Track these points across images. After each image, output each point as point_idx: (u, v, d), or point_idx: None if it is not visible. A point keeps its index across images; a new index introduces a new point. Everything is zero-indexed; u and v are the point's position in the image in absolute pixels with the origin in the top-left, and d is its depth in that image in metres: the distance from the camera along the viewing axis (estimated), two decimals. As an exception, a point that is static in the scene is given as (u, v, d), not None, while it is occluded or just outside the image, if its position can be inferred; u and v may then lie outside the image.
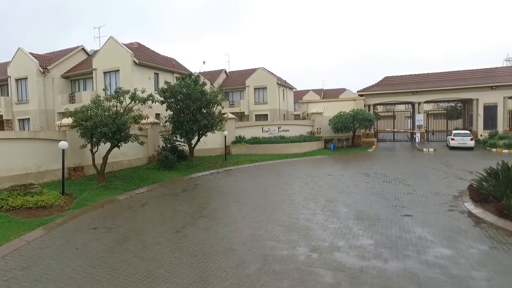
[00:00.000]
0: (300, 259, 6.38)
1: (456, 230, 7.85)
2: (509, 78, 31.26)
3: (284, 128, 27.64)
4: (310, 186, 13.29)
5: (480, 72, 34.11)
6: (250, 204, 10.78)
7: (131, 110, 14.73)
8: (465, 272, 5.73)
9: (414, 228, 8.00)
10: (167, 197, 12.27)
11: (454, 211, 9.43)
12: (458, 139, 26.11)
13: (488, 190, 9.58)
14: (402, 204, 10.30)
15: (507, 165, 9.50)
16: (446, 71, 35.85)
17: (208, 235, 7.95)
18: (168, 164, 17.74)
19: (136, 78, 25.87)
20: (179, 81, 19.34)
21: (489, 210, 8.88)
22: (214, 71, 44.59)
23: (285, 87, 42.78)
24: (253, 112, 39.57)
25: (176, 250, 7.06)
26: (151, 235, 8.05)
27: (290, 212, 9.67)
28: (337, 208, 9.99)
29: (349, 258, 6.39)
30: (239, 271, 5.98)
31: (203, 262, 6.41)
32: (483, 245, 6.90)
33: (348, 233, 7.77)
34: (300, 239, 7.45)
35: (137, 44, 30.31)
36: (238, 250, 6.96)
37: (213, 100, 19.17)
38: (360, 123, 27.29)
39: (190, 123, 18.50)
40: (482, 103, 31.05)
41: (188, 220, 9.16)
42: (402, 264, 6.10)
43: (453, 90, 31.95)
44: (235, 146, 25.19)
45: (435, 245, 6.97)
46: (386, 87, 34.60)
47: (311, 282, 5.49)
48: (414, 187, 12.64)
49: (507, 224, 7.91)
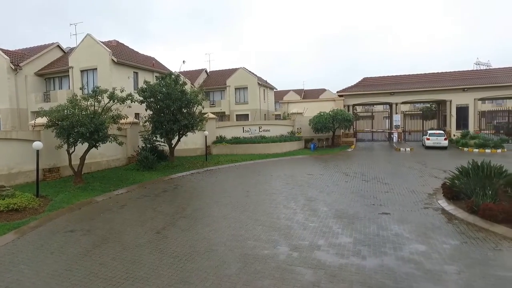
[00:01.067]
0: (280, 258, 6.45)
1: (430, 226, 8.13)
2: (479, 81, 32.62)
3: (265, 128, 27.75)
4: (291, 186, 13.42)
5: (453, 75, 35.40)
6: (231, 204, 10.79)
7: (109, 110, 14.43)
8: (438, 266, 5.96)
9: (391, 226, 8.24)
10: (147, 198, 12.11)
11: (429, 208, 9.76)
12: (433, 139, 27.00)
13: (460, 188, 9.97)
14: (380, 202, 10.57)
15: (476, 164, 9.91)
16: (422, 73, 36.97)
17: (188, 235, 7.90)
18: (148, 165, 17.49)
19: (115, 77, 25.32)
20: (159, 80, 19.10)
21: (460, 207, 9.26)
22: (195, 71, 44.22)
23: (266, 87, 42.93)
24: (234, 112, 39.50)
25: (157, 251, 6.99)
26: (130, 236, 7.93)
27: (271, 212, 9.75)
28: (317, 207, 10.15)
29: (328, 256, 6.51)
30: (220, 271, 5.99)
31: (184, 263, 6.38)
32: (454, 241, 7.19)
33: (327, 231, 7.91)
34: (280, 238, 7.53)
35: (116, 42, 29.69)
36: (219, 250, 6.96)
37: (194, 100, 19.02)
38: (339, 123, 27.74)
39: (170, 123, 18.30)
40: (455, 104, 32.24)
41: (169, 221, 9.08)
42: (379, 260, 6.27)
43: (428, 91, 33.01)
44: (216, 146, 25.09)
45: (411, 241, 7.20)
46: (365, 88, 35.34)
47: (292, 280, 5.57)
48: (392, 186, 12.98)
49: (476, 220, 8.28)
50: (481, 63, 66.36)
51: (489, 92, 31.86)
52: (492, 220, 7.98)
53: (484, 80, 32.76)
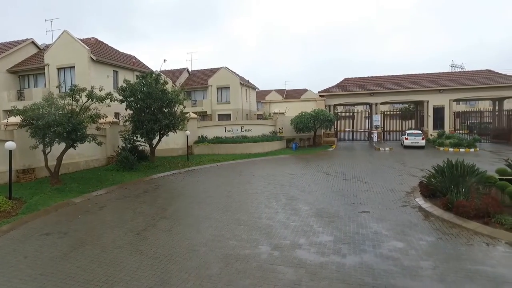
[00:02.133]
0: (262, 258, 6.48)
1: (408, 224, 8.35)
2: (454, 83, 33.76)
3: (247, 128, 27.75)
4: (272, 185, 13.49)
5: (430, 76, 36.46)
6: (213, 204, 10.74)
7: (88, 109, 14.09)
8: (414, 262, 6.13)
9: (370, 224, 8.40)
10: (127, 198, 11.90)
11: (407, 206, 10.02)
12: (411, 139, 27.74)
13: (436, 186, 10.28)
14: (360, 201, 10.77)
15: (451, 163, 10.24)
16: (401, 74, 37.91)
17: (169, 236, 7.82)
18: (128, 165, 17.18)
19: (94, 75, 24.72)
20: (139, 79, 18.80)
21: (436, 205, 9.56)
22: (176, 70, 43.74)
23: (248, 87, 42.94)
24: (216, 111, 39.31)
25: (137, 253, 6.88)
26: (109, 238, 7.78)
27: (253, 211, 9.77)
28: (298, 206, 10.24)
29: (309, 254, 6.59)
30: (201, 271, 5.96)
31: (165, 264, 6.31)
32: (430, 237, 7.41)
33: (308, 230, 8.00)
34: (262, 238, 7.56)
35: (95, 39, 28.97)
36: (200, 250, 6.93)
37: (175, 99, 18.83)
38: (321, 123, 28.06)
39: (151, 123, 18.04)
40: (432, 105, 33.23)
41: (149, 222, 8.95)
42: (359, 258, 6.39)
43: (406, 92, 33.87)
44: (198, 146, 24.92)
45: (389, 239, 7.38)
46: (346, 88, 35.90)
47: (273, 279, 5.60)
48: (371, 185, 13.24)
49: (450, 217, 8.57)
50: (455, 66, 68.66)
51: (463, 94, 33.00)
52: (465, 216, 8.28)
53: (459, 82, 33.93)
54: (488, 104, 42.98)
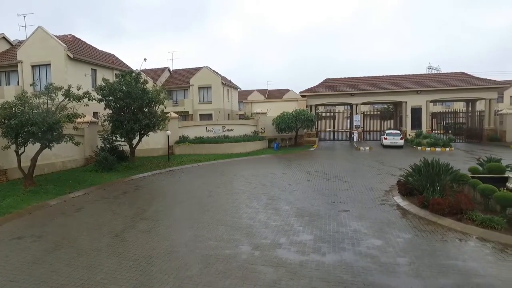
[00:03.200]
0: (242, 258, 6.47)
1: (386, 222, 8.53)
2: (431, 84, 34.80)
3: (229, 128, 27.70)
4: (254, 185, 13.51)
5: (408, 78, 37.42)
6: (194, 204, 10.66)
7: (64, 108, 13.69)
8: (391, 259, 6.27)
9: (350, 222, 8.53)
10: (106, 200, 11.64)
11: (385, 204, 10.24)
12: (390, 138, 28.39)
13: (413, 184, 10.55)
14: (340, 200, 10.92)
15: (427, 162, 10.54)
16: (381, 75, 38.75)
17: (149, 238, 7.70)
18: (108, 166, 16.82)
19: (71, 73, 24.05)
20: (118, 78, 18.44)
21: (413, 202, 9.81)
22: (157, 69, 43.15)
23: (229, 87, 42.83)
24: (197, 111, 39.02)
25: (115, 255, 6.73)
26: (87, 241, 7.58)
27: (234, 211, 9.75)
28: (279, 206, 10.29)
29: (290, 254, 6.63)
30: (181, 273, 5.89)
31: (144, 266, 6.20)
32: (407, 234, 7.60)
33: (289, 229, 8.05)
34: (242, 238, 7.55)
35: (72, 37, 28.18)
36: (181, 251, 6.85)
37: (155, 99, 18.59)
38: (302, 123, 28.31)
39: (131, 123, 17.72)
40: (410, 105, 34.13)
41: (128, 224, 8.79)
42: (338, 256, 6.48)
43: (386, 93, 34.65)
44: (179, 146, 24.68)
45: (368, 237, 7.52)
46: (327, 88, 36.36)
47: (253, 279, 5.61)
48: (351, 184, 13.45)
49: (427, 214, 8.82)
50: (432, 68, 70.75)
51: (439, 95, 34.05)
52: (440, 213, 8.53)
53: (435, 83, 34.99)
54: (462, 105, 44.46)
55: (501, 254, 6.45)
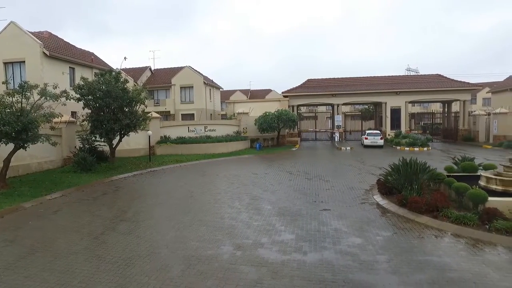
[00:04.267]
0: (224, 258, 6.45)
1: (366, 220, 8.69)
2: (410, 85, 35.72)
3: (211, 128, 27.58)
4: (236, 185, 13.49)
5: (388, 79, 38.27)
6: (175, 205, 10.55)
7: (40, 107, 13.27)
8: (371, 257, 6.40)
9: (331, 221, 8.64)
10: (84, 201, 11.37)
11: (366, 203, 10.42)
12: (371, 138, 28.95)
13: (392, 183, 10.78)
14: (321, 199, 11.04)
15: (406, 162, 10.80)
16: (362, 76, 39.44)
17: (129, 239, 7.57)
18: (86, 166, 16.44)
19: (47, 71, 23.30)
20: (97, 77, 18.04)
21: (392, 201, 10.03)
22: (138, 68, 42.44)
23: (212, 87, 42.61)
24: (179, 111, 38.63)
25: (93, 258, 6.58)
26: (64, 244, 7.37)
27: (215, 212, 9.72)
28: (261, 205, 10.32)
29: (271, 253, 6.65)
30: (162, 274, 5.82)
31: (124, 268, 6.09)
32: (386, 232, 7.77)
33: (271, 229, 8.08)
34: (224, 238, 7.53)
35: (48, 33, 27.32)
36: (162, 253, 6.77)
37: (136, 98, 18.29)
38: (284, 123, 28.48)
39: (111, 122, 17.37)
40: (390, 106, 34.90)
41: (108, 225, 8.61)
42: (319, 255, 6.55)
43: (366, 93, 35.32)
44: (160, 146, 24.39)
45: (349, 235, 7.63)
46: (309, 89, 36.72)
47: (235, 279, 5.60)
48: (333, 183, 13.63)
49: (405, 212, 9.04)
50: (411, 69, 72.62)
51: (417, 96, 34.98)
52: (417, 211, 8.76)
53: (413, 85, 35.93)
54: (439, 106, 45.77)
55: (473, 249, 6.71)
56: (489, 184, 9.42)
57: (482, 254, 6.50)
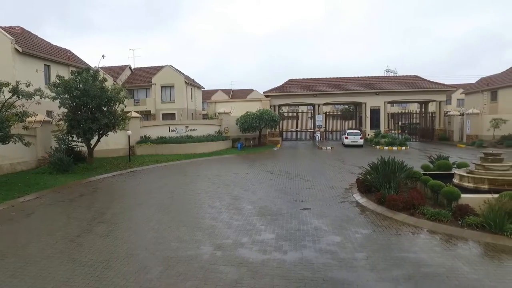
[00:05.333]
0: (204, 258, 6.41)
1: (345, 219, 8.82)
2: (388, 86, 36.52)
3: (192, 128, 27.35)
4: (217, 185, 13.43)
5: (368, 80, 39.01)
6: (155, 206, 10.39)
7: (12, 106, 12.80)
8: (350, 255, 6.50)
9: (311, 220, 8.73)
10: (61, 203, 11.04)
11: (345, 202, 10.58)
12: (351, 138, 29.43)
13: (371, 182, 11.00)
14: (302, 198, 11.13)
15: (384, 161, 11.05)
16: (342, 77, 40.01)
17: (107, 241, 7.40)
18: (63, 167, 15.97)
19: (20, 69, 22.41)
20: (74, 75, 17.54)
21: (371, 199, 10.23)
22: (118, 67, 41.53)
23: (193, 86, 42.23)
24: (160, 111, 38.08)
25: (69, 261, 6.39)
26: (37, 248, 7.11)
27: (196, 212, 9.64)
28: (242, 205, 10.31)
29: (251, 253, 6.65)
30: (141, 276, 5.72)
31: (101, 271, 5.95)
32: (365, 230, 7.91)
33: (251, 229, 8.08)
34: (204, 238, 7.48)
35: (20, 29, 26.25)
36: (140, 254, 6.66)
37: (115, 98, 17.91)
38: (266, 123, 28.56)
39: (89, 122, 16.94)
40: (369, 106, 35.59)
41: (85, 227, 8.39)
42: (299, 254, 6.60)
43: (347, 94, 35.87)
44: (140, 146, 23.99)
45: (328, 233, 7.73)
46: (290, 89, 36.97)
47: (215, 280, 5.57)
48: (313, 182, 13.76)
49: (383, 210, 9.24)
50: (390, 71, 74.34)
51: (396, 96, 35.83)
52: (395, 209, 8.97)
53: (392, 85, 36.77)
54: (416, 106, 47.12)
55: (446, 245, 6.93)
56: (462, 182, 9.75)
57: (454, 249, 6.73)
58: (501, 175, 9.21)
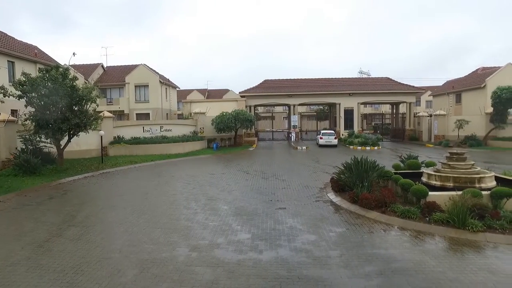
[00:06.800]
0: (179, 260, 6.35)
1: (320, 217, 8.99)
2: (362, 87, 37.49)
3: (167, 128, 26.96)
4: (192, 186, 13.32)
5: (342, 81, 39.85)
6: (129, 208, 10.18)
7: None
8: (324, 252, 6.65)
9: (286, 219, 8.83)
10: (27, 207, 10.57)
11: (320, 201, 10.78)
12: (325, 138, 29.96)
13: (345, 181, 11.27)
14: (277, 198, 11.24)
15: (357, 160, 11.35)
16: (317, 78, 40.64)
17: (78, 245, 7.17)
18: (30, 169, 15.31)
19: (-19, 66, 21.31)
20: (42, 73, 16.84)
21: (345, 198, 10.48)
22: (89, 65, 40.25)
23: (168, 86, 41.62)
24: (133, 110, 37.27)
25: (36, 268, 6.13)
26: (0, 255, 6.79)
27: (171, 213, 9.52)
28: (218, 206, 10.29)
29: (227, 253, 6.66)
30: (114, 280, 5.60)
31: (71, 277, 5.76)
32: (339, 228, 8.10)
33: (227, 229, 8.09)
34: (180, 240, 7.41)
35: (-16, 25, 24.96)
36: (114, 258, 6.51)
37: (87, 97, 17.36)
38: (241, 123, 28.59)
39: (58, 122, 16.31)
40: (343, 107, 36.39)
41: (54, 232, 8.09)
42: (275, 253, 6.67)
43: (321, 94, 36.49)
44: (114, 147, 23.39)
45: (303, 232, 7.85)
46: (266, 89, 37.17)
47: (190, 281, 5.54)
48: (289, 182, 13.92)
49: (357, 209, 9.49)
50: (363, 72, 76.35)
51: (368, 97, 36.85)
52: (367, 207, 9.24)
53: (365, 87, 37.77)
54: (388, 107, 48.57)
55: (415, 240, 7.25)
56: (429, 180, 10.18)
57: (422, 244, 7.04)
58: (464, 173, 9.70)
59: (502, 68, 33.99)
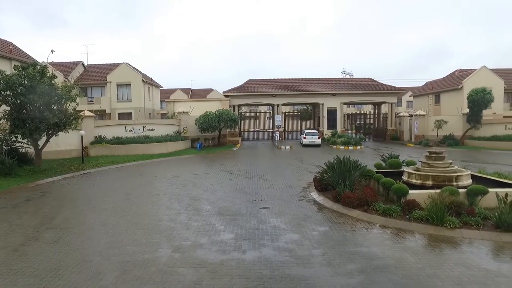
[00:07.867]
0: (162, 261, 6.27)
1: (303, 217, 9.05)
2: (344, 88, 37.99)
3: (150, 128, 26.58)
4: (175, 186, 13.19)
5: (325, 81, 40.26)
6: (110, 209, 9.97)
7: None
8: (307, 251, 6.69)
9: (270, 219, 8.85)
10: (2, 210, 10.20)
11: (303, 200, 10.85)
12: (309, 138, 30.23)
13: (328, 180, 11.38)
14: (261, 198, 11.25)
15: (340, 160, 11.49)
16: (300, 78, 40.90)
17: (56, 248, 6.97)
18: (5, 170, 14.79)
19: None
20: (18, 70, 16.28)
21: (328, 197, 10.59)
22: (69, 63, 39.20)
23: (151, 85, 41.04)
24: (115, 110, 36.56)
25: (10, 273, 5.89)
26: (-27, 260, 6.51)
27: (153, 214, 9.39)
28: (201, 206, 10.22)
29: (210, 254, 6.62)
30: (94, 283, 5.47)
31: (48, 281, 5.59)
32: (322, 227, 8.18)
33: (210, 229, 8.04)
34: (162, 241, 7.32)
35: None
36: (94, 260, 6.36)
37: (66, 95, 16.91)
38: (225, 123, 28.51)
39: (36, 121, 15.80)
40: (326, 107, 36.78)
41: (30, 235, 7.84)
42: (258, 252, 6.67)
43: (305, 94, 36.78)
44: (95, 147, 22.89)
45: (286, 232, 7.89)
46: (250, 89, 37.17)
47: (173, 282, 5.47)
48: (272, 182, 13.96)
49: (339, 207, 9.61)
50: (346, 73, 77.41)
51: (351, 98, 37.36)
52: (350, 206, 9.37)
53: (348, 87, 38.29)
54: (371, 107, 49.45)
55: (396, 238, 7.40)
56: (410, 179, 10.40)
57: (402, 241, 7.19)
58: (442, 172, 9.97)
59: (477, 71, 35.20)
